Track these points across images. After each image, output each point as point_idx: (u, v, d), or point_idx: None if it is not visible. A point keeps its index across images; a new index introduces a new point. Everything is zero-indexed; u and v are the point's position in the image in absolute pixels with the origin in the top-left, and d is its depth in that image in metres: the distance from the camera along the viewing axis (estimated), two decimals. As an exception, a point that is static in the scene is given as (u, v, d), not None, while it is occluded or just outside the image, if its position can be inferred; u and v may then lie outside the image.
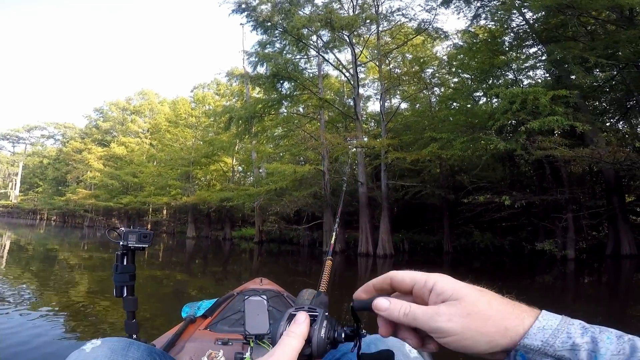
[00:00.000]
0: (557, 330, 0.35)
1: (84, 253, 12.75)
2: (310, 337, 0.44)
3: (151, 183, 25.39)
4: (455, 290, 0.39)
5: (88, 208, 34.10)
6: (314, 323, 0.46)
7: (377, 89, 19.27)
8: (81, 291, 6.02)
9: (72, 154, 35.64)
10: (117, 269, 1.33)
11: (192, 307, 2.13)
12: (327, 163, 15.29)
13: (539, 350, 0.34)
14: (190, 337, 1.72)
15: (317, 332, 0.44)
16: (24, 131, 53.95)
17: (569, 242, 10.70)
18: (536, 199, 10.62)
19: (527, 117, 8.38)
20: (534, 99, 8.16)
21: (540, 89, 8.35)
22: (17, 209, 49.85)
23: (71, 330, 3.93)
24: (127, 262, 1.35)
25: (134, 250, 1.35)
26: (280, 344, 0.41)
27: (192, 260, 12.89)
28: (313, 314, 0.47)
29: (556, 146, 8.21)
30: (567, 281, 8.94)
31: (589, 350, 0.33)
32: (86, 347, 0.77)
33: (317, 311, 0.47)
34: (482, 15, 12.47)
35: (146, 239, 1.35)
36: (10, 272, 7.62)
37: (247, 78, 14.69)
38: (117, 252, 1.34)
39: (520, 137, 8.70)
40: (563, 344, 0.34)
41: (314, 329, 0.45)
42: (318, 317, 0.46)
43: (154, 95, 38.53)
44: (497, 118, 9.21)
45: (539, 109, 8.19)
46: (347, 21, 12.26)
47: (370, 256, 13.09)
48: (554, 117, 7.75)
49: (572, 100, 8.39)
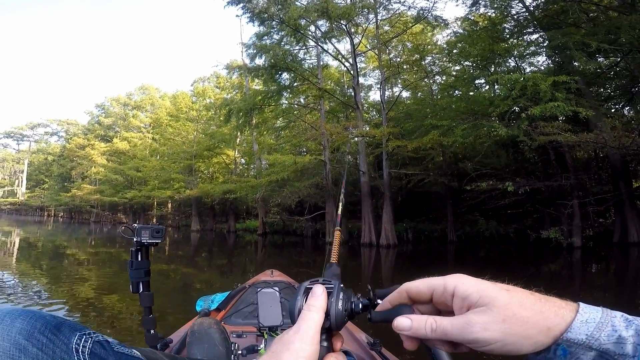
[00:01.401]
0: (601, 323, 0.33)
1: (91, 249, 12.87)
2: (328, 309, 0.43)
3: (154, 177, 25.50)
4: (482, 293, 0.36)
5: (94, 203, 34.39)
6: (331, 295, 0.44)
7: (377, 78, 19.03)
8: (92, 287, 6.07)
9: (76, 150, 35.83)
10: (132, 265, 1.34)
11: (206, 300, 2.14)
12: (328, 153, 15.19)
13: (583, 344, 0.33)
14: None
15: (335, 304, 0.43)
16: (27, 129, 54.30)
17: (575, 230, 10.54)
18: (540, 185, 10.46)
19: (527, 103, 8.18)
20: (534, 85, 7.96)
21: (539, 75, 8.16)
22: (25, 206, 50.41)
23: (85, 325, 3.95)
24: (142, 258, 1.36)
25: (148, 246, 1.36)
26: (303, 318, 0.39)
27: (198, 253, 12.98)
28: (329, 286, 0.45)
29: (559, 131, 8.03)
30: (574, 270, 8.81)
31: (634, 344, 0.31)
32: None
33: (332, 283, 0.46)
34: (482, 3, 12.18)
35: (159, 235, 1.36)
36: (20, 269, 7.69)
37: (246, 69, 14.51)
38: (131, 249, 1.35)
39: (522, 123, 8.52)
40: (609, 337, 0.32)
41: (331, 301, 0.44)
42: (334, 289, 0.45)
43: (154, 90, 38.47)
44: (497, 104, 9.03)
45: (539, 95, 7.99)
46: (343, 10, 12.02)
47: (374, 246, 13.07)
48: (555, 103, 7.56)
49: (574, 87, 8.18)
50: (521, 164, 14.00)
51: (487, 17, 12.34)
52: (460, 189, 12.37)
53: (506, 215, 13.50)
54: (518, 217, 13.14)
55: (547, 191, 10.98)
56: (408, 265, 10.08)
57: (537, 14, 10.92)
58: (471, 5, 12.05)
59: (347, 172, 2.72)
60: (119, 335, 3.77)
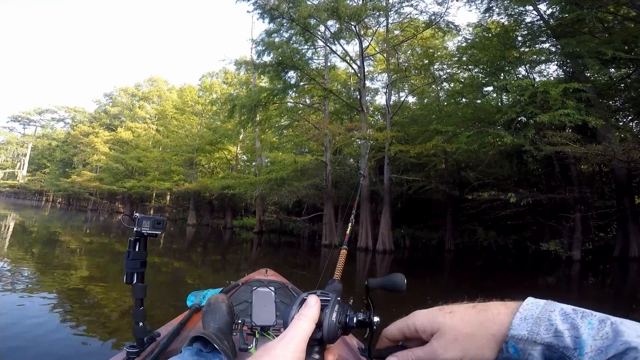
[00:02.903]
0: (539, 318, 0.36)
1: (85, 237, 12.74)
2: (322, 321, 0.44)
3: (155, 168, 25.40)
4: (433, 322, 0.41)
5: (92, 191, 34.35)
6: (326, 307, 0.45)
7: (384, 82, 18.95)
8: (81, 276, 6.00)
9: (80, 137, 35.84)
10: (129, 256, 1.31)
11: (198, 296, 2.12)
12: (329, 154, 15.04)
13: (527, 339, 0.35)
14: (195, 326, 1.71)
15: (329, 316, 0.44)
16: (35, 114, 54.45)
17: (576, 243, 10.40)
18: (543, 197, 10.27)
19: (536, 110, 8.00)
20: (544, 92, 7.78)
21: (550, 82, 7.98)
22: (24, 189, 50.46)
23: (70, 317, 3.87)
24: (139, 248, 1.33)
25: (147, 236, 1.34)
26: (291, 326, 0.40)
27: (192, 248, 12.82)
28: (325, 298, 0.46)
29: (567, 142, 7.83)
30: (572, 283, 8.69)
31: (572, 336, 0.34)
32: None
33: (329, 295, 0.47)
34: (495, 10, 12.07)
35: (159, 226, 1.34)
36: (12, 254, 7.59)
37: (252, 65, 14.43)
38: (130, 238, 1.32)
39: (529, 131, 8.33)
40: (547, 331, 0.35)
41: (325, 313, 0.45)
42: (330, 301, 0.46)
43: (163, 82, 38.53)
44: (505, 111, 8.84)
45: (549, 102, 7.83)
46: (354, 10, 11.95)
47: (370, 251, 12.89)
48: (565, 111, 7.36)
49: (585, 95, 8.01)
50: (524, 176, 13.82)
51: (500, 25, 12.22)
52: (462, 197, 12.20)
53: (505, 226, 13.32)
54: (517, 229, 12.97)
55: (549, 203, 10.79)
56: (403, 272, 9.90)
57: (551, 22, 10.77)
58: (484, 11, 11.94)
59: (360, 190, 2.68)
60: (106, 326, 3.69)
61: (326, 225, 14.56)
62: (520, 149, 11.65)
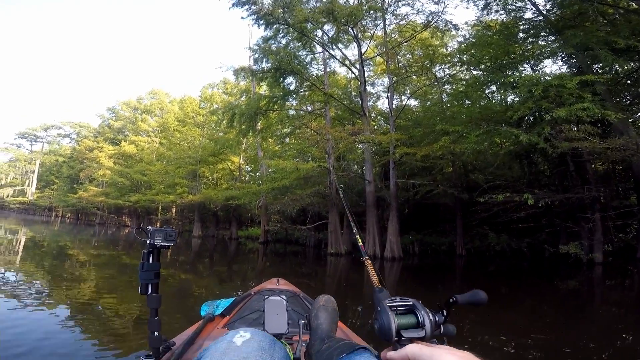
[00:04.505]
0: None
1: (94, 250, 12.67)
2: (422, 322, 0.50)
3: (159, 181, 25.31)
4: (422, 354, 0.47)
5: (99, 206, 34.42)
6: (416, 309, 0.52)
7: (385, 86, 18.59)
8: (93, 288, 6.00)
9: (85, 152, 36.05)
10: (143, 267, 1.35)
11: (211, 305, 2.15)
12: (332, 160, 14.67)
13: None
14: (208, 336, 1.74)
15: (426, 316, 0.51)
16: (41, 130, 55.06)
17: (597, 245, 9.86)
18: (560, 198, 9.74)
19: (550, 105, 7.52)
20: (559, 85, 7.29)
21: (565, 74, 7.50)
22: (34, 205, 50.91)
23: (83, 328, 3.85)
24: (153, 260, 1.37)
25: (160, 248, 1.38)
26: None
27: (198, 259, 12.59)
28: (407, 303, 0.54)
29: (586, 136, 7.32)
30: (596, 287, 8.20)
31: None
32: (235, 339, 0.77)
33: (410, 300, 0.54)
34: (494, 7, 11.65)
35: (171, 238, 1.38)
36: (23, 268, 7.62)
37: (248, 72, 14.17)
38: (143, 251, 1.35)
39: (544, 128, 7.84)
40: None
41: (422, 314, 0.52)
42: (418, 305, 0.52)
43: (164, 94, 38.69)
44: (517, 108, 8.35)
45: (561, 97, 7.36)
46: (349, 11, 11.64)
47: (378, 259, 12.45)
48: (583, 105, 6.85)
49: (599, 88, 7.52)
50: (535, 177, 13.29)
51: (500, 23, 11.81)
52: (472, 200, 11.72)
53: (518, 230, 12.78)
54: (531, 232, 12.43)
55: (564, 204, 10.26)
56: (413, 280, 9.51)
57: (551, 17, 10.32)
58: (483, 8, 11.53)
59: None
60: (120, 336, 3.65)
61: (331, 233, 14.16)
62: (531, 148, 11.15)
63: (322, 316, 1.25)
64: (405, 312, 0.56)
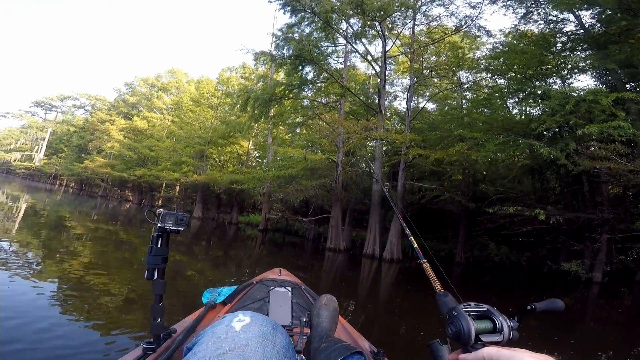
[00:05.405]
0: None
1: (92, 224, 12.52)
2: (501, 327, 0.52)
3: (166, 158, 25.33)
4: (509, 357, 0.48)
5: (104, 177, 34.55)
6: (493, 315, 0.53)
7: (404, 86, 18.41)
8: (87, 267, 5.71)
9: (97, 124, 36.26)
10: (152, 251, 1.30)
11: (213, 293, 2.16)
12: (341, 155, 14.53)
13: None
14: (210, 323, 1.64)
15: (504, 322, 0.52)
16: (57, 100, 55.50)
17: (598, 265, 9.73)
18: (572, 216, 9.54)
19: (579, 121, 7.29)
20: (593, 100, 7.06)
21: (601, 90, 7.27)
22: (39, 172, 51.34)
23: (81, 311, 3.68)
24: (162, 244, 1.33)
25: (170, 232, 1.33)
26: None
27: (196, 241, 12.41)
28: (481, 309, 0.56)
29: (613, 156, 7.06)
30: (590, 305, 8.08)
31: None
32: (234, 324, 0.73)
33: (484, 306, 0.56)
34: (533, 17, 11.39)
35: (182, 222, 1.34)
36: (19, 237, 7.43)
37: (268, 57, 14.08)
38: (152, 234, 1.32)
39: (568, 144, 7.60)
40: None
41: (500, 320, 0.53)
42: (493, 311, 0.54)
43: (182, 74, 38.76)
44: (543, 120, 8.13)
45: (592, 113, 7.13)
46: (379, 5, 11.49)
47: (376, 258, 12.31)
48: (617, 122, 6.60)
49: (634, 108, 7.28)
50: (544, 193, 13.05)
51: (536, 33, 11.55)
52: (478, 210, 11.52)
53: (518, 243, 12.58)
54: (531, 246, 12.25)
55: (575, 223, 10.04)
56: (409, 282, 9.37)
57: (593, 31, 10.06)
58: (523, 16, 11.28)
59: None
60: (117, 321, 3.48)
61: (332, 228, 14.01)
62: (547, 164, 10.89)
63: (323, 314, 1.30)
64: (479, 316, 0.58)
